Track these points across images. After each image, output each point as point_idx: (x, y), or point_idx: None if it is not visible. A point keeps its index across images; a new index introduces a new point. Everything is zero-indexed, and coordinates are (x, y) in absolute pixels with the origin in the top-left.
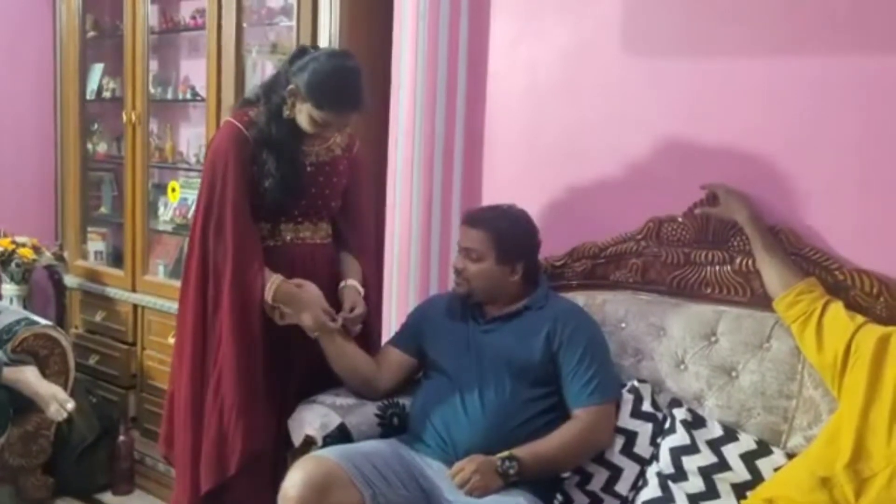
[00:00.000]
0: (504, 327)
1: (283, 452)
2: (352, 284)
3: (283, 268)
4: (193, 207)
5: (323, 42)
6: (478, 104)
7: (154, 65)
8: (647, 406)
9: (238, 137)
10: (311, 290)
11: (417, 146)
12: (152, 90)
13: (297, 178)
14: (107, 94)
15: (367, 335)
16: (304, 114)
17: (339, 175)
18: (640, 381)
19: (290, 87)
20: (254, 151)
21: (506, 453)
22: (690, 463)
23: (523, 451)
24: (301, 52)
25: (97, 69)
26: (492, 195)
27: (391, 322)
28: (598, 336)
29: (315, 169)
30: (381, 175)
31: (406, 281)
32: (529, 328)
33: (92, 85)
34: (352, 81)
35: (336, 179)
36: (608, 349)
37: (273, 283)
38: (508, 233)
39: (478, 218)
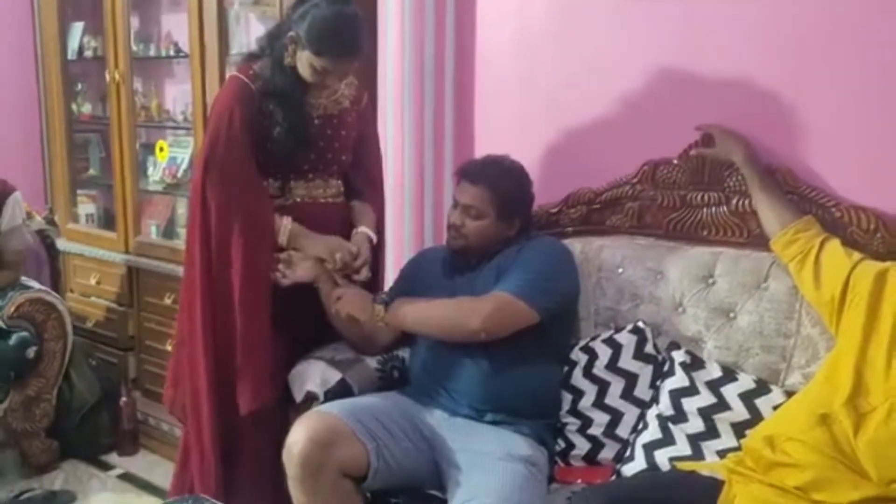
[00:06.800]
0: (485, 268)
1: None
2: (363, 231)
3: None
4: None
5: None
6: (467, 51)
7: (135, 21)
8: (649, 348)
9: (243, 92)
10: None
11: (407, 96)
12: (134, 48)
13: (305, 127)
14: (89, 54)
15: (369, 291)
16: (304, 61)
17: (348, 128)
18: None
19: (291, 34)
20: (260, 104)
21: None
22: (690, 404)
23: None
24: None
25: (77, 28)
26: (485, 144)
27: (387, 275)
28: (551, 255)
29: (323, 122)
30: None
31: (401, 234)
32: (505, 262)
33: (73, 44)
34: (350, 28)
35: (345, 132)
36: (559, 272)
37: (285, 226)
38: (509, 190)
39: (478, 174)
